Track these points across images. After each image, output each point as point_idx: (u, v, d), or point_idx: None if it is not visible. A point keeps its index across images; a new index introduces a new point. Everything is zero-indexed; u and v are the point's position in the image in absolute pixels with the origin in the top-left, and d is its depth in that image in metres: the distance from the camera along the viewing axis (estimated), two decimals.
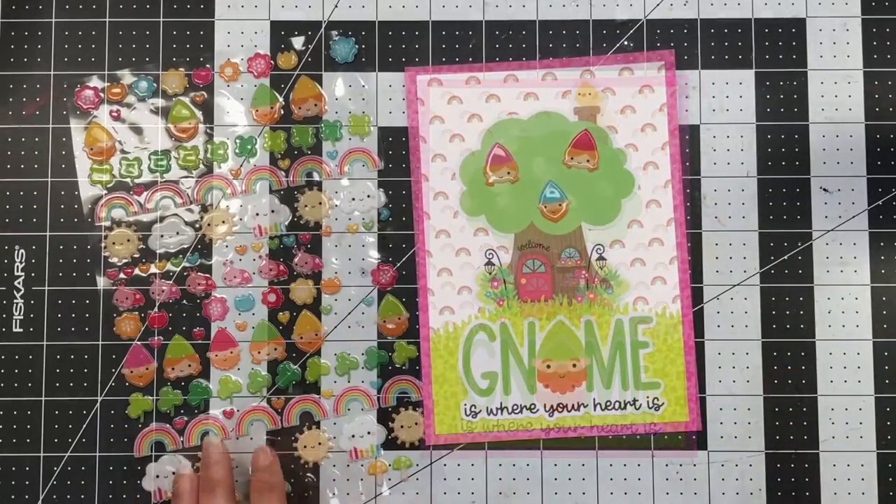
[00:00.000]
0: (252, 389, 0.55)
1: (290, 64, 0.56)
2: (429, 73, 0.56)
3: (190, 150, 0.56)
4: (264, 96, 0.56)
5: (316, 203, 0.56)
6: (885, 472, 0.55)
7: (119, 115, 0.56)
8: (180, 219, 0.56)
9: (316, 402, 0.55)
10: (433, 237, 0.56)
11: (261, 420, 0.55)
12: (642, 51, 0.56)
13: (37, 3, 0.57)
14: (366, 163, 0.56)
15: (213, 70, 0.56)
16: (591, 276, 0.56)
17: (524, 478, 0.55)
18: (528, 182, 0.56)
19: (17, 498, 0.55)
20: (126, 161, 0.56)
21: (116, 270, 0.55)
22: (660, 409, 0.55)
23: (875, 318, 0.55)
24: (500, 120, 0.56)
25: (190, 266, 0.56)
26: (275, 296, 0.56)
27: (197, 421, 0.55)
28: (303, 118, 0.56)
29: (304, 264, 0.56)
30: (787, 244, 0.56)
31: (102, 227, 0.56)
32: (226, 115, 0.56)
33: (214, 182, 0.56)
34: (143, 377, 0.55)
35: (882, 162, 0.56)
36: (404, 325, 0.55)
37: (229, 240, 0.56)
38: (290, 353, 0.56)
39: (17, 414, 0.55)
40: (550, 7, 0.57)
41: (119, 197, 0.56)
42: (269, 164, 0.56)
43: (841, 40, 0.57)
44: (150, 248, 0.56)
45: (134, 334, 0.55)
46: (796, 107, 0.56)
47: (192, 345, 0.55)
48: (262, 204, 0.56)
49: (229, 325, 0.55)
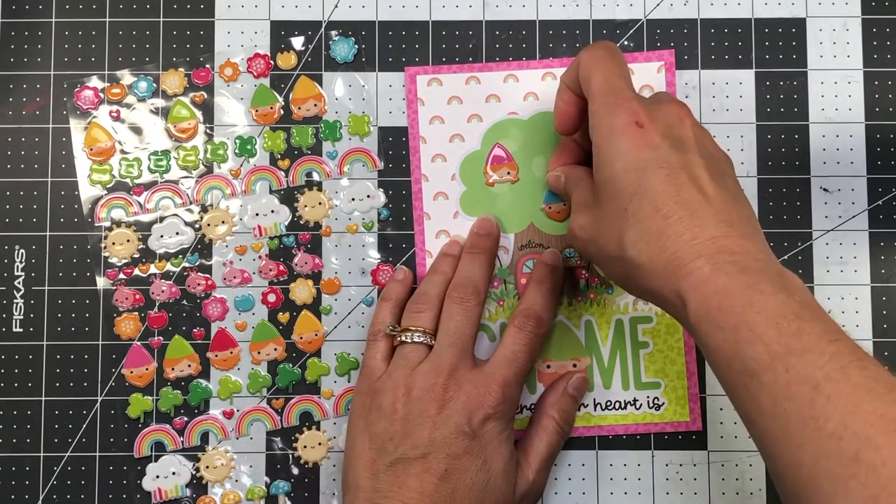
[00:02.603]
0: (252, 390, 0.55)
1: (289, 64, 0.56)
2: (429, 73, 0.56)
3: (190, 150, 0.56)
4: (264, 96, 0.56)
5: (316, 203, 0.56)
6: None
7: (119, 116, 0.56)
8: (180, 219, 0.56)
9: (316, 402, 0.55)
10: (433, 237, 0.56)
11: (261, 420, 0.55)
12: (642, 51, 0.56)
13: (37, 3, 0.57)
14: (366, 163, 0.56)
15: (212, 70, 0.56)
16: (591, 276, 0.56)
17: None
18: (529, 182, 0.56)
19: (17, 498, 0.54)
20: (126, 161, 0.56)
21: (116, 271, 0.55)
22: (660, 409, 0.55)
23: (875, 318, 0.55)
24: (500, 120, 0.56)
25: (190, 266, 0.56)
26: (275, 296, 0.56)
27: (197, 421, 0.55)
28: (303, 118, 0.56)
29: (303, 264, 0.56)
30: (787, 244, 0.56)
31: (102, 227, 0.56)
32: (225, 115, 0.56)
33: (214, 182, 0.56)
34: (143, 377, 0.55)
35: (882, 162, 0.56)
36: None
37: (229, 240, 0.56)
38: (290, 354, 0.56)
39: (17, 414, 0.55)
40: (550, 7, 0.57)
41: (119, 197, 0.56)
42: (268, 164, 0.56)
43: (841, 40, 0.57)
44: (149, 248, 0.56)
45: (134, 334, 0.55)
46: (796, 107, 0.56)
47: (192, 345, 0.55)
48: (262, 204, 0.56)
49: (229, 325, 0.55)
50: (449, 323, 0.50)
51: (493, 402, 0.48)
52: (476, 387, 0.48)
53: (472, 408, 0.48)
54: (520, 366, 0.50)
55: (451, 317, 0.50)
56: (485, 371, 0.49)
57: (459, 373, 0.49)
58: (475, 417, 0.48)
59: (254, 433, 0.55)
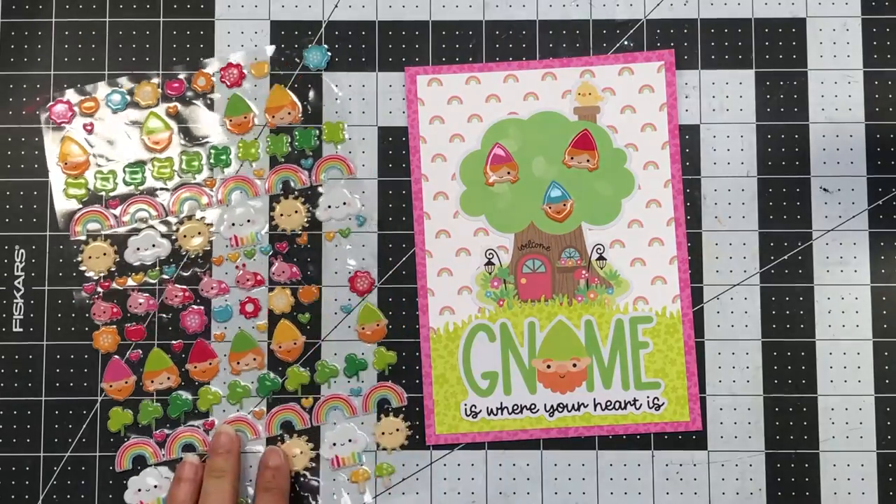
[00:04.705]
0: (232, 400, 0.55)
1: (262, 73, 0.56)
2: (429, 73, 0.56)
3: (164, 161, 0.56)
4: (238, 106, 0.56)
5: (292, 212, 0.56)
6: (885, 472, 0.55)
7: (92, 129, 0.56)
8: (156, 231, 0.56)
9: (296, 410, 0.55)
10: (433, 237, 0.56)
11: (242, 431, 0.55)
12: (642, 51, 0.56)
13: (37, 3, 0.57)
14: (341, 170, 0.56)
15: (185, 81, 0.56)
16: (591, 276, 0.56)
17: (524, 477, 0.55)
18: (529, 182, 0.56)
19: (17, 498, 0.54)
20: (101, 175, 0.56)
21: (93, 284, 0.55)
22: (660, 408, 0.55)
23: (875, 318, 0.55)
24: (500, 120, 0.56)
25: (167, 278, 0.55)
26: (252, 305, 0.55)
27: (177, 433, 0.55)
28: (277, 127, 0.56)
29: (281, 273, 0.55)
30: (787, 244, 0.56)
31: (79, 241, 0.55)
32: (200, 125, 0.56)
33: (190, 193, 0.56)
34: (123, 391, 0.55)
35: (882, 162, 0.56)
36: (383, 331, 0.55)
37: (206, 251, 0.56)
38: (270, 363, 0.55)
39: (17, 414, 0.55)
40: (550, 7, 0.57)
41: (94, 211, 0.56)
42: (244, 173, 0.56)
43: (841, 40, 0.57)
44: (126, 261, 0.55)
45: (112, 348, 0.55)
46: (796, 107, 0.56)
47: (171, 357, 0.55)
48: (238, 214, 0.56)
49: (207, 336, 0.55)
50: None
51: None
52: None
53: None
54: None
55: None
56: None
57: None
58: None
59: None
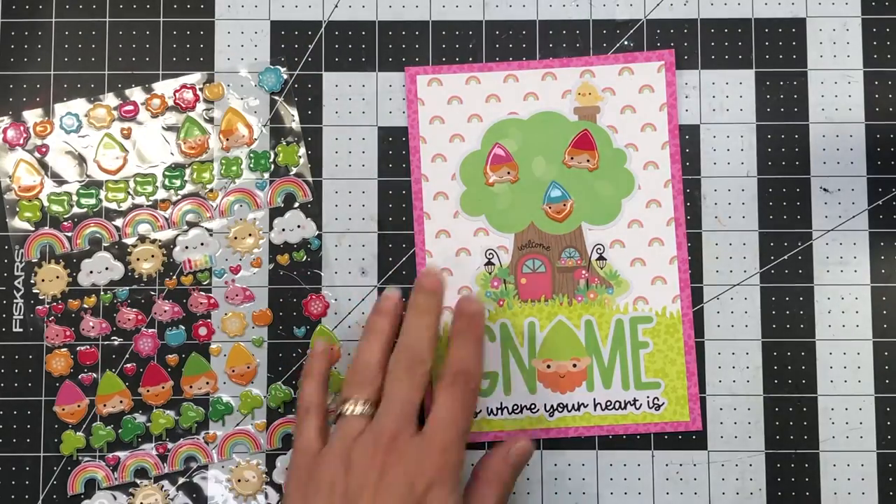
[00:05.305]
0: (184, 424, 0.55)
1: (217, 95, 0.56)
2: (429, 73, 0.56)
3: (118, 184, 0.56)
4: (192, 128, 0.56)
5: (246, 235, 0.55)
6: (885, 472, 0.55)
7: (46, 152, 0.56)
8: (109, 253, 0.55)
9: (249, 434, 0.55)
10: (433, 237, 0.56)
11: (193, 455, 0.55)
12: (642, 51, 0.56)
13: (37, 3, 0.57)
14: (296, 193, 0.56)
15: (139, 103, 0.56)
16: (591, 276, 0.56)
17: (524, 478, 0.55)
18: (529, 182, 0.56)
19: (17, 498, 0.54)
20: (54, 197, 0.55)
21: (46, 308, 0.55)
22: (660, 409, 0.55)
23: (875, 318, 0.55)
24: (500, 120, 0.56)
25: (120, 301, 0.55)
26: (206, 329, 0.55)
27: (130, 457, 0.54)
28: (231, 150, 0.56)
29: (234, 297, 0.55)
30: (787, 244, 0.56)
31: (32, 263, 0.55)
32: (153, 148, 0.56)
33: (143, 216, 0.55)
34: (76, 414, 0.55)
35: (882, 162, 0.56)
36: (337, 354, 0.55)
37: (159, 274, 0.55)
38: (223, 387, 0.55)
39: (17, 414, 0.55)
40: (550, 7, 0.57)
41: (47, 233, 0.55)
42: (198, 196, 0.56)
43: (841, 40, 0.57)
44: (79, 283, 0.55)
45: (65, 371, 0.55)
46: (796, 107, 0.56)
47: (124, 380, 0.55)
48: (192, 237, 0.56)
49: (160, 359, 0.55)
50: (393, 393, 0.48)
51: (434, 468, 0.46)
52: (416, 454, 0.46)
53: (413, 476, 0.46)
54: (458, 427, 0.48)
55: (396, 387, 0.48)
56: (424, 437, 0.47)
57: (399, 441, 0.46)
58: (418, 486, 0.46)
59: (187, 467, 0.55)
